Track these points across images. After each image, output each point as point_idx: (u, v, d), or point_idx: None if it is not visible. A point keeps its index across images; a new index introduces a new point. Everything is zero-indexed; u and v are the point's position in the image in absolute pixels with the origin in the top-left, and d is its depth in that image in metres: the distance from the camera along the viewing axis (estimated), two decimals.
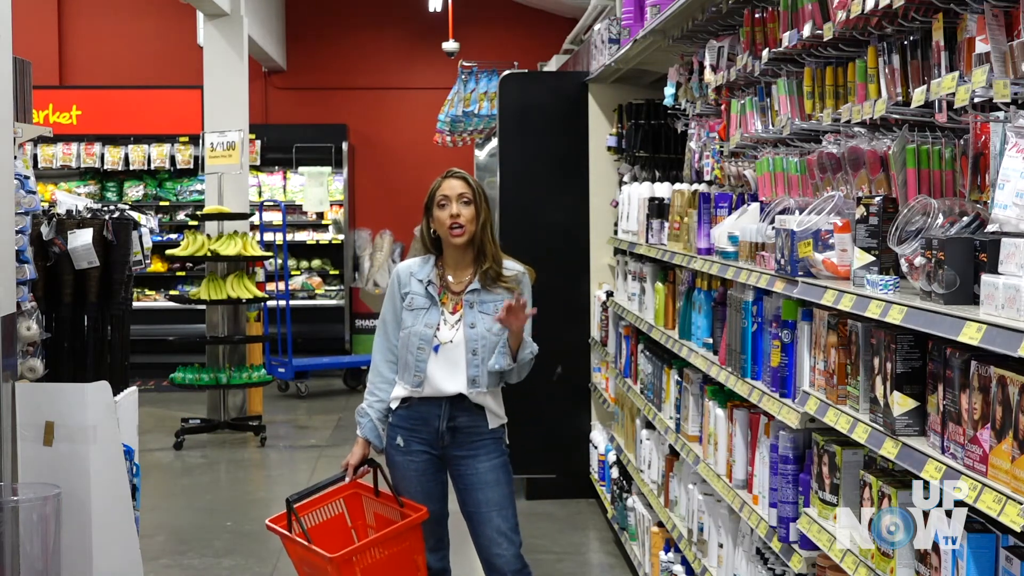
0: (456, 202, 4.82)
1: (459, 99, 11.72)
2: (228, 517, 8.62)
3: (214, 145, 11.08)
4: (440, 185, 4.87)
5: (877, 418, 3.24)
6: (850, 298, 3.35)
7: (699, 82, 5.95)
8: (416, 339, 4.82)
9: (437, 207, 4.84)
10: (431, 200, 4.87)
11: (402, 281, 4.92)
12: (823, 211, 3.83)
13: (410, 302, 4.86)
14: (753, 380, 4.48)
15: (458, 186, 4.85)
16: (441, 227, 4.84)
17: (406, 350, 4.85)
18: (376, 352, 5.00)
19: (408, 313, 4.86)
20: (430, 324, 4.83)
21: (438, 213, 4.84)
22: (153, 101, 14.90)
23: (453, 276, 4.91)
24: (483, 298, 4.85)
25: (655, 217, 6.39)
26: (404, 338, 4.86)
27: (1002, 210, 2.75)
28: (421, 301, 4.86)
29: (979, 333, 2.58)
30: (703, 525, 5.29)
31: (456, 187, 4.85)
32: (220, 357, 11.33)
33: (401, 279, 4.92)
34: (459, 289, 4.88)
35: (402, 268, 4.96)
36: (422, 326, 4.82)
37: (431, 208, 4.88)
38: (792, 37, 4.33)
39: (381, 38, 16.34)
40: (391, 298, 4.95)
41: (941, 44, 3.34)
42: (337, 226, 15.65)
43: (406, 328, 4.85)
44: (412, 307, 4.85)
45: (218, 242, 10.94)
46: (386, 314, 4.97)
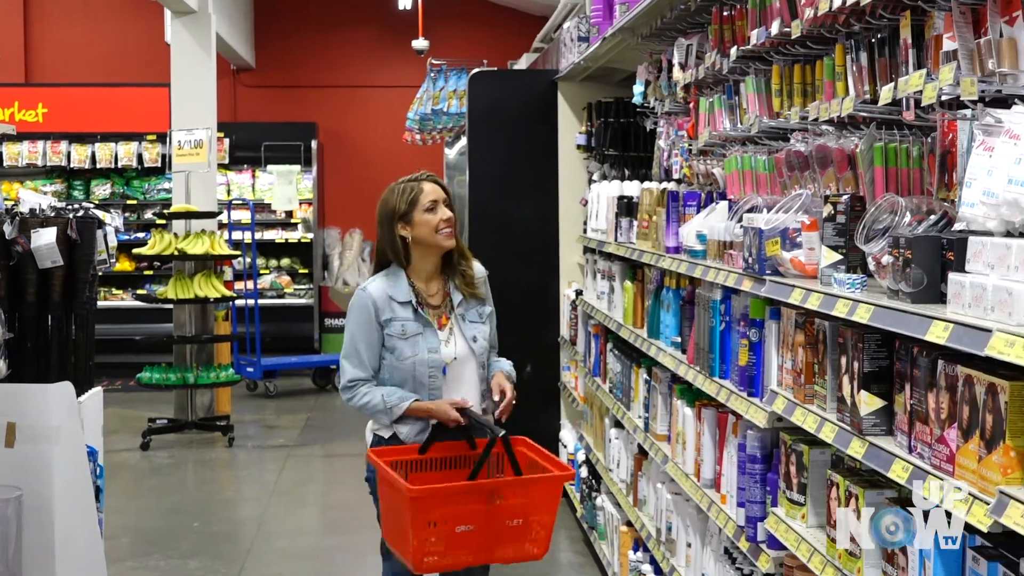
0: (443, 205, 4.66)
1: (428, 97, 11.68)
2: (195, 518, 8.55)
3: (181, 143, 11.00)
4: (423, 189, 4.65)
5: (844, 417, 3.23)
6: (817, 297, 3.33)
7: (668, 80, 5.93)
8: (425, 368, 4.57)
9: (424, 211, 4.60)
10: (411, 206, 4.61)
11: (379, 308, 4.58)
12: (791, 209, 3.82)
13: (401, 330, 4.57)
14: (721, 379, 4.46)
15: (440, 190, 4.69)
16: (429, 232, 4.61)
17: (413, 381, 4.58)
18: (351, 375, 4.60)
19: (402, 342, 4.56)
20: (433, 348, 4.59)
21: (426, 217, 4.60)
22: (120, 99, 14.79)
23: (424, 288, 4.68)
24: (468, 306, 4.71)
25: (624, 216, 6.37)
26: (407, 369, 4.57)
27: (969, 208, 2.74)
28: (414, 327, 4.59)
29: (946, 332, 2.56)
30: (671, 524, 5.27)
31: (440, 191, 4.68)
32: (187, 357, 11.25)
33: (378, 306, 4.58)
34: (436, 302, 4.68)
35: (375, 293, 4.61)
36: (426, 353, 4.58)
37: (409, 214, 4.61)
38: (760, 35, 4.32)
39: (350, 36, 16.29)
40: (365, 327, 4.59)
41: (909, 42, 3.33)
42: (306, 225, 15.58)
43: (407, 358, 4.56)
44: (405, 335, 4.57)
45: (185, 241, 10.87)
46: (358, 343, 4.60)
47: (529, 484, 4.29)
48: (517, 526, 4.23)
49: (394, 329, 4.56)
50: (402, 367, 4.57)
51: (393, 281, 4.63)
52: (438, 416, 4.50)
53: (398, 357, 4.56)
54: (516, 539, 4.25)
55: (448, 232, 4.63)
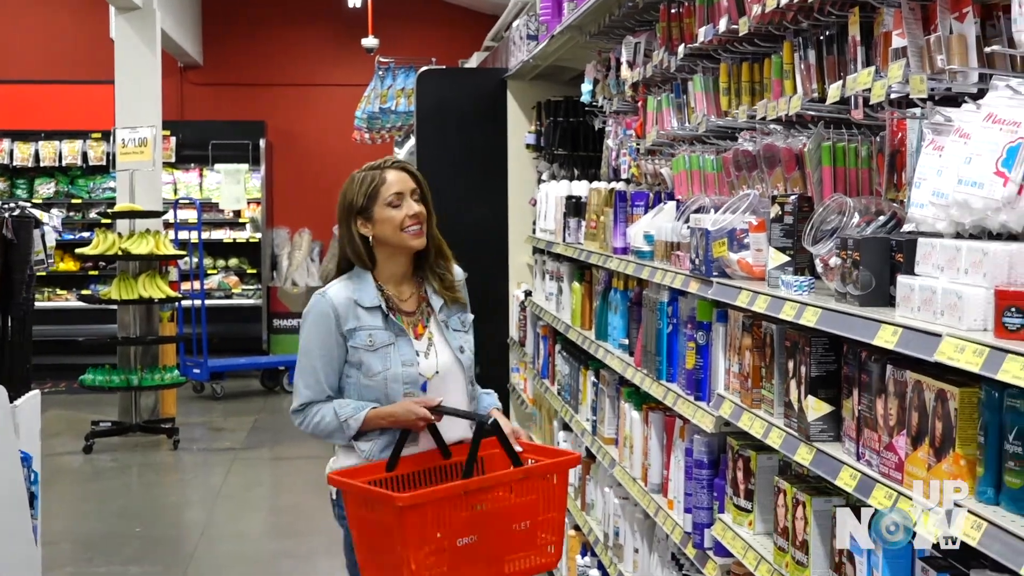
0: (410, 198, 3.90)
1: (376, 96, 11.57)
2: (138, 522, 8.41)
3: (125, 141, 10.84)
4: (385, 179, 3.89)
5: (792, 423, 3.16)
6: (764, 299, 3.26)
7: (616, 79, 5.86)
8: (399, 384, 3.84)
9: (386, 206, 3.86)
10: (371, 199, 3.87)
11: (341, 316, 3.85)
12: (738, 210, 3.75)
13: (369, 341, 3.84)
14: (668, 382, 4.39)
15: (409, 180, 3.93)
16: (393, 230, 3.88)
17: (386, 402, 3.84)
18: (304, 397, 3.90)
19: (371, 355, 3.84)
20: (409, 360, 3.86)
21: (388, 213, 3.86)
22: (65, 96, 14.59)
23: (395, 292, 3.97)
24: (450, 313, 4.02)
25: (572, 216, 6.30)
26: (378, 387, 3.85)
27: (919, 209, 2.67)
28: (384, 336, 3.86)
29: (894, 337, 2.49)
30: (619, 529, 5.20)
31: (407, 181, 3.92)
32: (132, 358, 11.08)
33: (339, 313, 3.85)
34: (410, 308, 3.97)
35: (335, 298, 3.87)
36: (400, 366, 3.84)
37: (369, 209, 3.88)
38: (708, 32, 4.25)
39: (300, 34, 16.15)
40: (324, 339, 3.86)
41: (857, 39, 3.26)
42: (255, 224, 15.44)
43: (376, 374, 3.83)
44: (374, 346, 3.84)
45: (129, 241, 10.71)
46: (314, 359, 3.88)
47: (534, 475, 3.69)
48: (525, 530, 3.65)
49: (360, 340, 3.85)
50: (372, 385, 3.85)
51: (357, 284, 3.91)
52: (404, 421, 3.78)
53: (366, 373, 3.85)
54: (526, 545, 3.66)
55: (416, 231, 3.88)
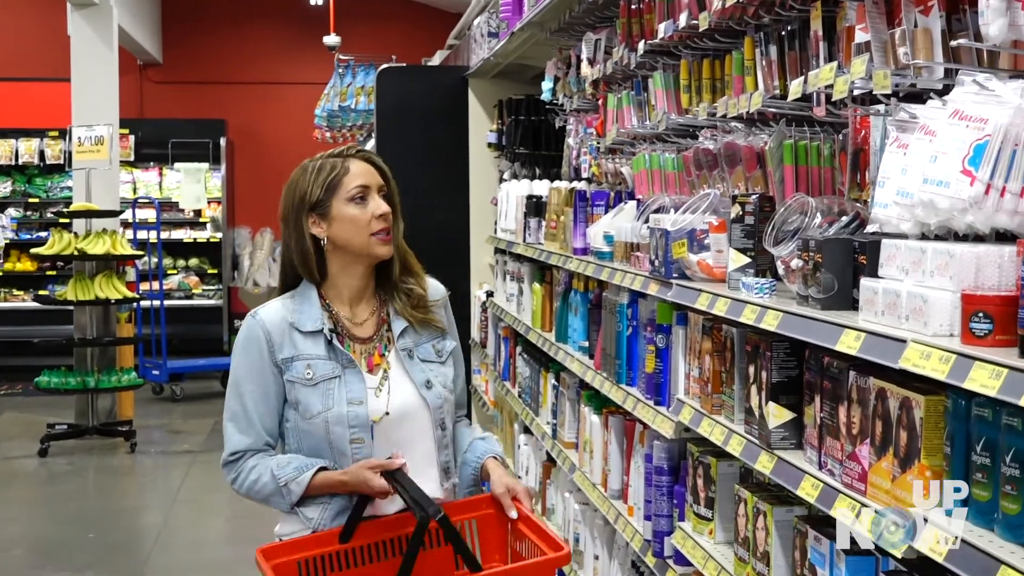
0: (377, 195, 3.18)
1: (335, 93, 11.46)
2: (92, 528, 8.24)
3: (81, 140, 10.66)
4: (348, 170, 3.16)
5: (752, 430, 3.06)
6: (724, 302, 3.16)
7: (576, 76, 5.78)
8: (343, 429, 3.07)
9: (347, 202, 3.13)
10: (329, 191, 3.14)
11: (275, 341, 3.12)
12: (698, 210, 3.65)
13: (307, 374, 3.09)
14: (628, 386, 4.29)
15: (375, 174, 3.20)
16: (355, 232, 3.13)
17: (330, 451, 3.09)
18: (234, 445, 3.13)
19: (309, 391, 3.08)
20: (357, 399, 3.09)
21: (350, 211, 3.13)
22: (21, 94, 14.38)
23: (350, 315, 3.21)
24: (418, 340, 3.24)
25: (532, 216, 6.20)
26: (317, 433, 3.08)
27: (882, 209, 2.57)
28: (327, 368, 3.11)
29: (857, 342, 2.39)
30: (579, 535, 5.11)
31: (374, 175, 3.19)
32: (88, 360, 10.89)
33: (273, 339, 3.12)
34: (365, 333, 3.20)
35: (268, 319, 3.14)
36: (345, 405, 3.08)
37: (326, 203, 3.14)
38: (668, 28, 4.15)
39: (261, 31, 16.00)
40: (255, 371, 3.12)
41: (820, 34, 3.18)
42: (215, 224, 15.28)
43: (315, 415, 3.07)
44: (313, 380, 3.09)
45: (85, 240, 10.52)
46: (245, 396, 3.13)
47: None
48: None
49: (296, 372, 3.11)
50: (310, 429, 3.09)
51: (299, 304, 3.17)
52: (355, 488, 3.04)
53: (303, 414, 3.10)
54: None
55: (384, 236, 3.14)
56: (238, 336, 3.19)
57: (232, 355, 3.22)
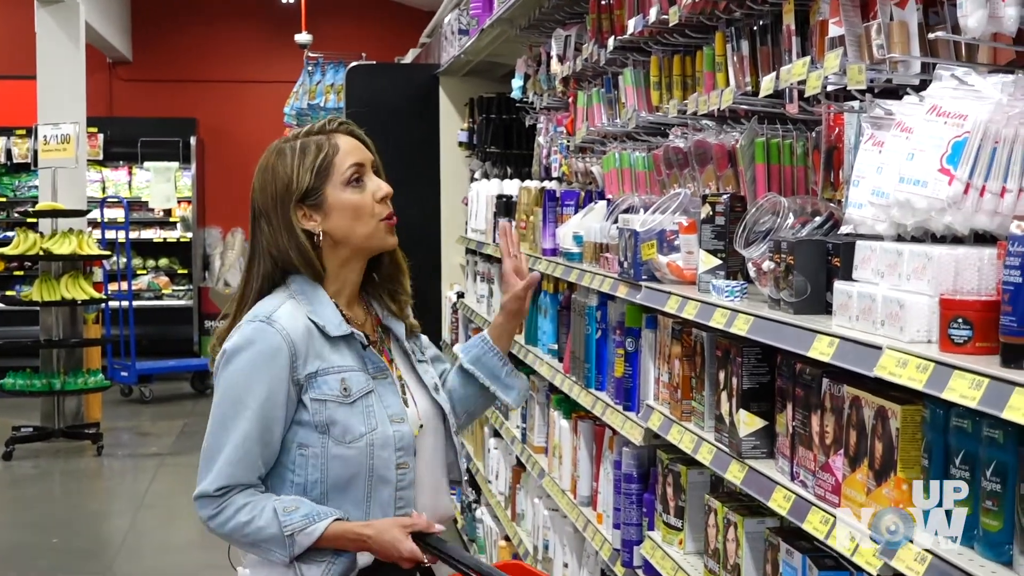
0: (372, 173, 2.76)
1: (304, 92, 11.34)
2: (56, 533, 8.10)
3: (47, 138, 10.52)
4: (336, 148, 2.71)
5: (723, 437, 2.95)
6: (694, 305, 3.05)
7: (547, 74, 5.67)
8: (390, 454, 2.65)
9: (344, 186, 2.68)
10: (321, 176, 2.68)
11: (300, 354, 2.62)
12: (668, 210, 3.54)
13: (342, 389, 2.64)
14: (597, 391, 4.18)
15: (364, 149, 2.77)
16: (361, 222, 2.70)
17: (367, 483, 2.64)
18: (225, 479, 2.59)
19: (347, 410, 2.62)
20: (397, 415, 2.68)
21: (349, 197, 2.68)
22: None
23: (352, 316, 2.76)
24: (413, 340, 2.91)
25: (502, 215, 6.09)
26: (357, 461, 2.63)
27: (857, 209, 2.46)
28: (360, 380, 2.67)
29: (831, 348, 2.29)
30: (548, 542, 5.00)
31: (364, 151, 2.76)
32: (55, 361, 10.75)
33: (297, 351, 2.62)
34: (373, 337, 2.78)
35: (290, 328, 2.62)
36: (389, 425, 2.66)
37: (319, 192, 2.67)
38: (638, 23, 4.04)
39: (232, 29, 15.86)
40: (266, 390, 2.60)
41: (792, 29, 3.07)
42: (185, 223, 15.15)
43: (359, 439, 2.62)
44: (350, 397, 2.63)
45: (51, 240, 10.38)
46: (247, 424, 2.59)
47: None
48: None
49: (328, 388, 2.63)
50: (348, 455, 2.63)
51: (312, 304, 2.69)
52: (379, 548, 2.59)
53: (340, 437, 2.62)
54: None
55: (391, 221, 2.75)
56: (244, 346, 2.62)
57: (231, 368, 2.63)
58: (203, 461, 2.62)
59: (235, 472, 2.59)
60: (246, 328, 2.64)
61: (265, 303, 2.68)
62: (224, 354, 2.66)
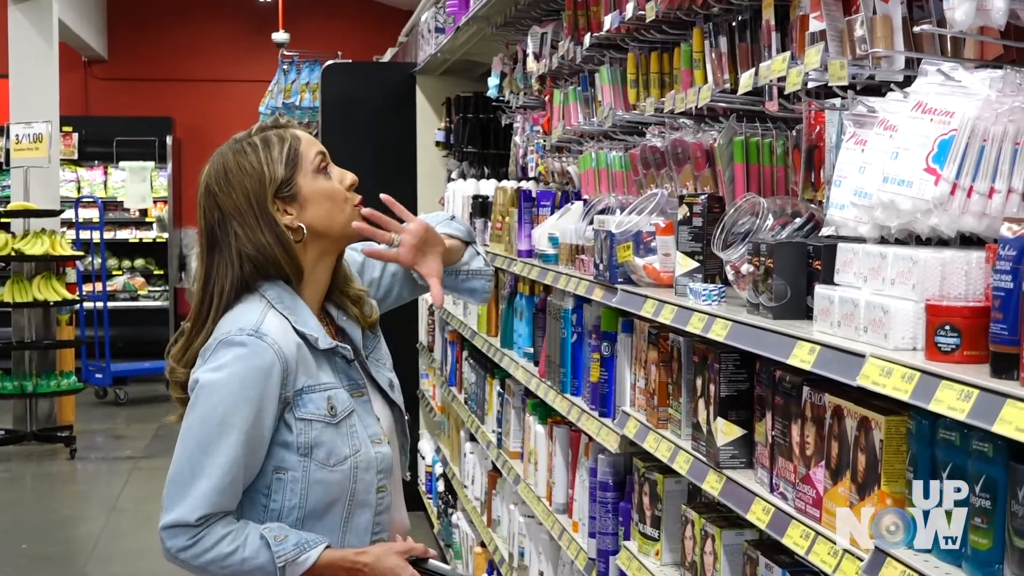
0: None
1: (279, 90, 11.22)
2: (25, 538, 7.97)
3: (19, 137, 10.39)
4: (298, 138, 2.59)
5: (700, 446, 2.85)
6: (671, 309, 2.95)
7: (523, 72, 5.57)
8: (371, 475, 2.53)
9: (316, 175, 2.56)
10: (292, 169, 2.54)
11: (291, 370, 2.46)
12: (644, 211, 3.44)
13: (328, 407, 2.49)
14: (573, 396, 4.08)
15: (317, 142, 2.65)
16: (337, 210, 2.57)
17: (346, 508, 2.51)
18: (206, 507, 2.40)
19: (332, 431, 2.48)
20: (375, 435, 2.56)
21: (324, 185, 2.56)
22: None
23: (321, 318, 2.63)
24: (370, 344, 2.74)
25: (478, 216, 5.99)
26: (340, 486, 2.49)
27: (838, 211, 2.37)
28: (343, 398, 2.53)
29: (812, 356, 2.19)
30: (524, 550, 4.90)
31: (318, 143, 2.64)
32: (27, 363, 10.62)
33: (289, 367, 2.45)
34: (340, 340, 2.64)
35: (281, 342, 2.45)
36: (371, 447, 2.54)
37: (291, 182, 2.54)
38: (614, 19, 3.94)
39: (209, 28, 15.75)
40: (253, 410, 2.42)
41: (772, 24, 2.97)
42: (161, 224, 15.03)
43: (342, 461, 2.48)
44: (335, 417, 2.49)
45: (23, 241, 10.26)
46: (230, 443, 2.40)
47: None
48: None
49: (313, 407, 2.48)
50: (331, 479, 2.49)
51: (294, 313, 2.53)
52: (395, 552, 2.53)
53: (326, 460, 2.48)
54: None
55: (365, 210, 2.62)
56: (232, 362, 2.42)
57: (217, 385, 2.43)
58: (175, 486, 2.42)
59: (220, 500, 2.40)
60: (232, 341, 2.44)
61: (242, 315, 2.48)
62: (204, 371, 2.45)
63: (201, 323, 2.56)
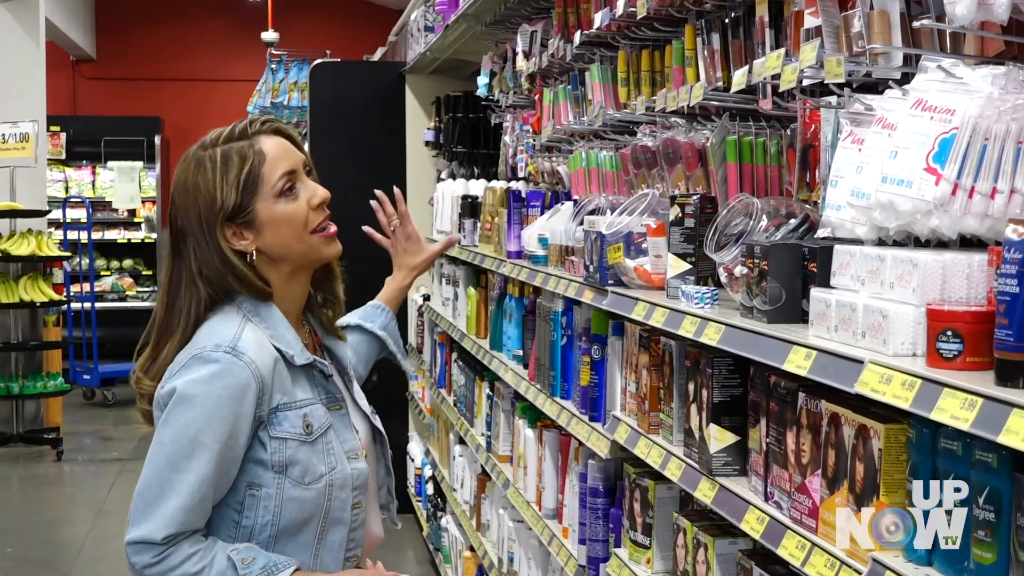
0: (306, 176, 2.51)
1: (267, 90, 11.16)
2: (10, 542, 7.90)
3: (6, 137, 10.31)
4: (262, 156, 2.44)
5: (692, 453, 2.78)
6: (662, 312, 2.88)
7: (513, 71, 5.50)
8: (347, 493, 2.47)
9: (276, 198, 2.44)
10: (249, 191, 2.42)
11: (267, 388, 2.37)
12: (635, 211, 3.37)
13: (304, 425, 2.41)
14: (563, 399, 4.01)
15: (294, 150, 2.51)
16: (295, 235, 2.46)
17: (320, 527, 2.43)
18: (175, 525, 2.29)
19: (307, 449, 2.40)
20: (352, 451, 2.50)
21: (283, 209, 2.44)
22: None
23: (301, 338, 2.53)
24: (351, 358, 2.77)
25: (467, 217, 5.92)
26: (316, 503, 2.41)
27: (835, 211, 2.30)
28: (320, 414, 2.46)
29: (808, 361, 2.12)
30: (513, 555, 4.83)
31: (293, 151, 2.50)
32: (13, 365, 10.54)
33: (265, 385, 2.37)
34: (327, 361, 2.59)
35: (258, 360, 2.36)
36: (347, 463, 2.47)
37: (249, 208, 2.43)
38: (605, 17, 3.88)
39: (198, 27, 15.70)
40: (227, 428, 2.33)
41: (766, 20, 2.91)
42: (150, 224, 14.98)
43: (317, 479, 2.40)
44: (311, 435, 2.42)
45: (9, 241, 10.20)
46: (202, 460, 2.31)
47: None
48: None
49: (288, 425, 2.41)
50: (305, 497, 2.41)
51: (271, 327, 2.45)
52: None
53: (300, 479, 2.40)
54: None
55: (331, 230, 2.51)
56: (207, 380, 2.33)
57: (191, 402, 2.33)
58: (142, 502, 2.32)
59: (188, 519, 2.31)
60: (208, 358, 2.35)
61: (219, 328, 2.39)
62: (175, 389, 2.34)
63: (169, 335, 2.47)
